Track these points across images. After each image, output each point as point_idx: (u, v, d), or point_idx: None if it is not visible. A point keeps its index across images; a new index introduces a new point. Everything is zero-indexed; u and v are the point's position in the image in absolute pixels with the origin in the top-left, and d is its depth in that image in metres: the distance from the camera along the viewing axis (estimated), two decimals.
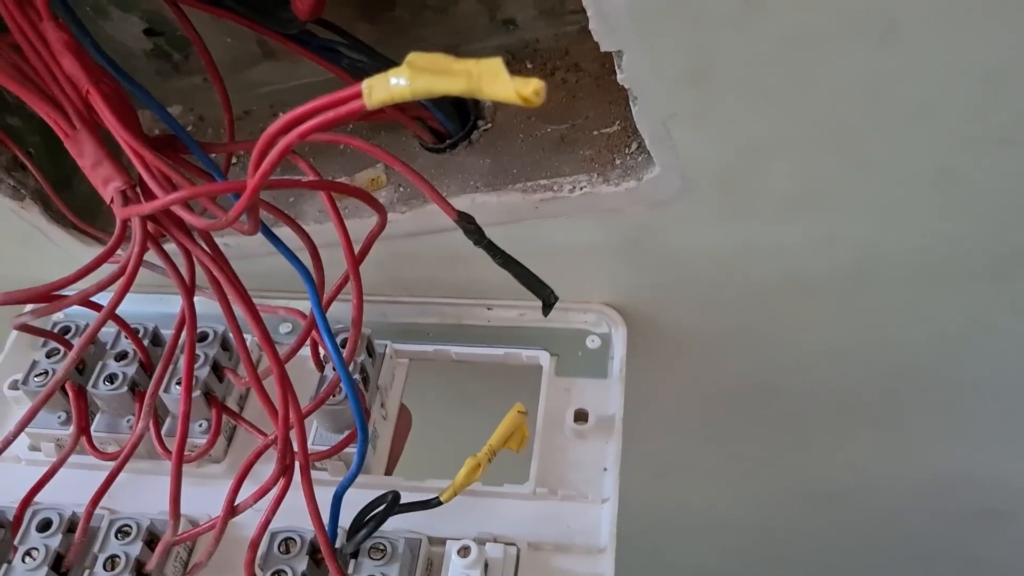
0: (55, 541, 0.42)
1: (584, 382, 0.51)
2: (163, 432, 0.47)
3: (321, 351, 0.47)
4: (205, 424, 0.48)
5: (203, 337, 0.49)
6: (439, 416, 0.55)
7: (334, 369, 0.46)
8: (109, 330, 0.46)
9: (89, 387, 0.48)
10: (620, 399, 0.49)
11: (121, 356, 0.49)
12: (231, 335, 0.42)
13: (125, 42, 0.52)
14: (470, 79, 0.27)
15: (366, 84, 0.28)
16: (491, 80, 0.26)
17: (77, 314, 0.47)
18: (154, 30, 0.52)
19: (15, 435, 0.42)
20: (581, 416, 0.49)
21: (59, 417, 0.49)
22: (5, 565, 0.41)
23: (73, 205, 0.52)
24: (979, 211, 0.44)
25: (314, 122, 0.29)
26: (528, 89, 0.26)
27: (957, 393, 0.61)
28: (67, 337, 0.50)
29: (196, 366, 0.48)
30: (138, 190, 0.38)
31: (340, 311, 0.44)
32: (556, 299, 0.43)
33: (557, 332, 0.53)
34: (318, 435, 0.48)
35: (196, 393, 0.47)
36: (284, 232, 0.40)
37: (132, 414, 0.48)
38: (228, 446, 0.50)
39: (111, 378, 0.48)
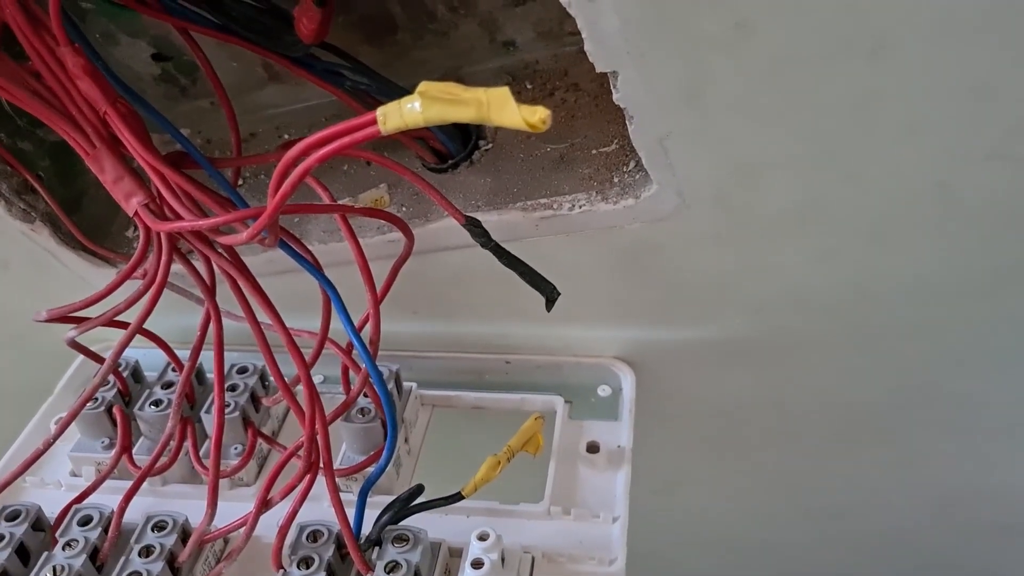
0: (94, 534, 0.44)
1: (596, 423, 0.54)
2: (200, 454, 0.50)
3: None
4: (240, 447, 0.51)
5: (243, 370, 0.53)
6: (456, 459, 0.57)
7: (364, 395, 0.49)
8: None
9: (135, 409, 0.51)
10: (630, 435, 0.52)
11: (167, 385, 0.52)
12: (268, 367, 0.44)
13: (133, 67, 0.54)
14: (480, 107, 0.28)
15: (380, 112, 0.30)
16: (500, 108, 0.28)
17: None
18: (162, 55, 0.54)
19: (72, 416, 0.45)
20: (593, 448, 0.52)
21: (102, 442, 0.52)
22: (45, 553, 0.43)
23: (82, 227, 0.53)
24: (975, 225, 0.45)
25: (332, 147, 0.30)
26: (535, 117, 0.27)
27: (961, 407, 0.61)
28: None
29: (236, 394, 0.51)
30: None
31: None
32: (558, 294, 0.44)
33: (570, 382, 0.57)
34: (345, 457, 0.50)
35: (234, 415, 0.50)
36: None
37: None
38: (259, 472, 0.52)
39: (156, 403, 0.51)
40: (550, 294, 0.44)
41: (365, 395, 0.50)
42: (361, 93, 0.48)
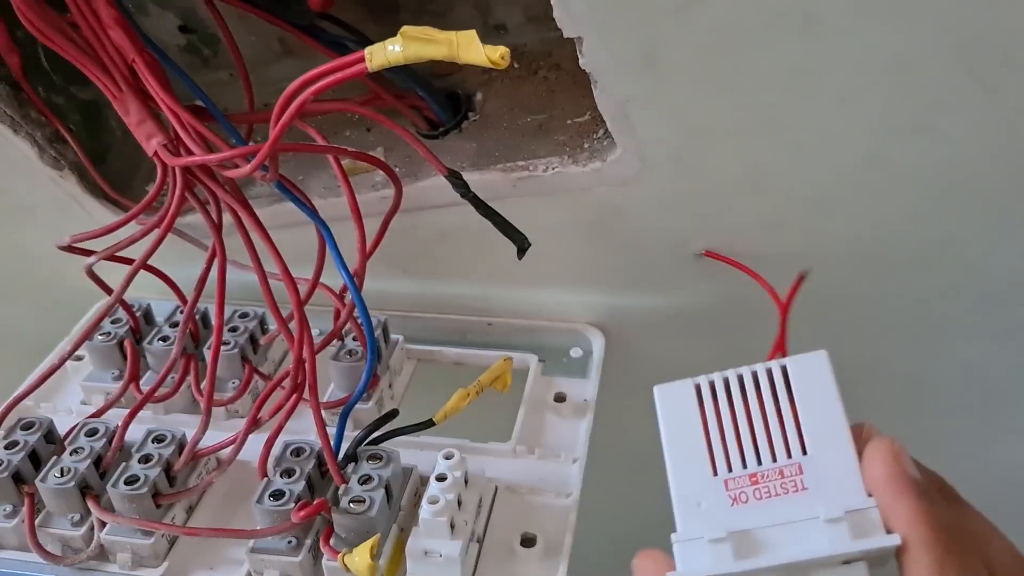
0: (99, 444, 0.49)
1: (566, 380, 0.59)
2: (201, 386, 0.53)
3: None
4: (237, 382, 0.56)
5: (244, 315, 0.58)
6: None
7: (354, 339, 0.54)
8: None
9: (145, 344, 0.56)
10: (595, 390, 0.57)
11: (175, 324, 0.58)
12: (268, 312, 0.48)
13: (161, 37, 0.59)
14: (451, 46, 0.34)
15: (368, 51, 0.35)
16: (467, 47, 0.34)
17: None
18: (187, 27, 0.59)
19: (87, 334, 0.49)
20: (560, 398, 0.57)
21: (113, 374, 0.57)
22: (54, 458, 0.48)
23: (107, 179, 0.58)
24: (906, 197, 0.49)
25: (325, 81, 0.36)
26: (496, 54, 0.33)
27: (911, 388, 0.64)
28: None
29: (236, 334, 0.56)
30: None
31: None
32: (529, 245, 0.48)
33: (546, 344, 0.62)
34: (332, 395, 0.55)
35: (233, 351, 0.55)
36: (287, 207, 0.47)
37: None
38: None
39: (164, 339, 0.57)
40: (521, 243, 0.48)
41: (355, 339, 0.55)
42: None
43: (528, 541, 0.47)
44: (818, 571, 0.32)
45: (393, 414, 0.49)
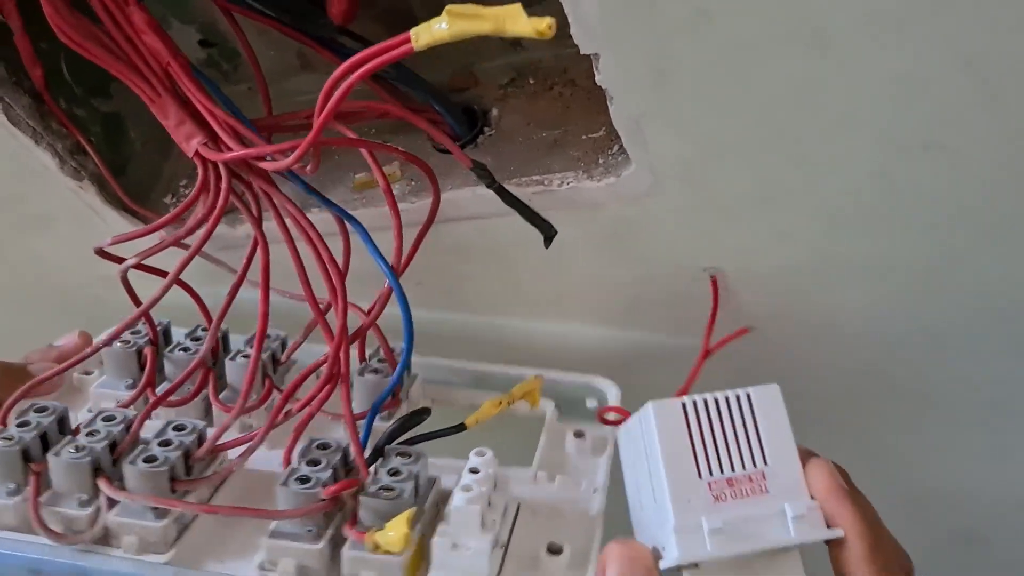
0: (117, 429, 0.48)
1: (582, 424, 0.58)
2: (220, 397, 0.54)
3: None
4: (255, 397, 0.55)
5: (267, 335, 0.56)
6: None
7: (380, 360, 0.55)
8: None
9: (165, 351, 0.56)
10: (614, 432, 0.55)
11: (195, 339, 0.57)
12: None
13: (182, 51, 0.60)
14: (497, 20, 0.35)
15: (413, 32, 0.36)
16: (513, 20, 0.34)
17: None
18: (208, 41, 0.60)
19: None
20: (579, 434, 0.57)
21: (127, 382, 0.57)
22: (69, 436, 0.47)
23: (126, 191, 0.59)
24: (915, 213, 0.50)
25: (371, 64, 0.36)
26: (543, 24, 0.34)
27: (920, 402, 0.65)
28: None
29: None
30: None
31: None
32: (555, 232, 0.49)
33: (562, 394, 0.61)
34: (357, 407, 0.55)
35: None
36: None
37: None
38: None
39: (184, 349, 0.56)
40: (548, 232, 0.49)
41: (380, 360, 0.55)
42: (382, 79, 0.55)
43: (555, 550, 0.47)
44: (780, 555, 0.41)
45: (425, 412, 0.49)
